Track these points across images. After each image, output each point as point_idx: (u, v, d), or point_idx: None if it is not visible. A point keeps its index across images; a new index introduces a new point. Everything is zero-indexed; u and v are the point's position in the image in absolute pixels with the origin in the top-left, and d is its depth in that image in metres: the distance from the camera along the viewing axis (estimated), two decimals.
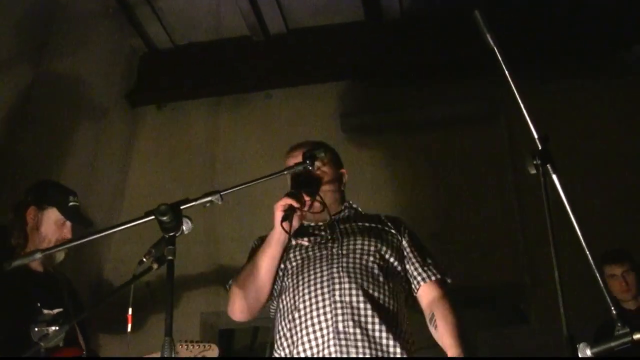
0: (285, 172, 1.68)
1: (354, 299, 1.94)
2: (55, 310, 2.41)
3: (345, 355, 1.86)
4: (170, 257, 1.46)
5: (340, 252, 2.05)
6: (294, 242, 2.10)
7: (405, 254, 2.15)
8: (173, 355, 1.35)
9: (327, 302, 1.95)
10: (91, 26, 4.06)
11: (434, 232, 3.68)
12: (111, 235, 3.65)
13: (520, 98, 1.46)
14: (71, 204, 2.56)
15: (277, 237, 2.03)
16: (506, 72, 1.48)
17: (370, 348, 1.89)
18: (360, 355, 1.87)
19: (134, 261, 1.54)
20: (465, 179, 4.07)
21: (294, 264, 2.08)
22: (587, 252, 1.32)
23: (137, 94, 4.58)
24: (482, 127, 4.15)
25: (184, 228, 1.51)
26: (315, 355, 1.88)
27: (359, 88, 4.37)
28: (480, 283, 3.82)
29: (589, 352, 1.22)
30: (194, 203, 1.54)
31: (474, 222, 3.93)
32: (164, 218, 1.47)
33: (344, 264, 2.02)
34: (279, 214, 1.98)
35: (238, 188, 1.60)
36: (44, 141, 3.63)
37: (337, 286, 1.96)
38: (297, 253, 2.10)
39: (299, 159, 2.07)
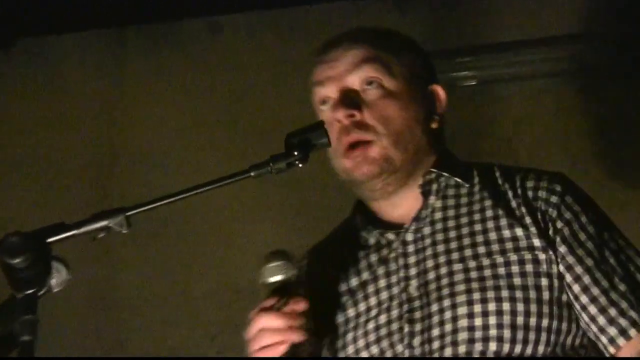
0: (253, 174, 1.51)
1: None
2: None
3: None
4: (26, 338, 1.39)
5: (423, 336, 1.91)
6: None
7: (566, 283, 1.91)
8: None
9: None
10: None
11: None
12: None
13: None
14: None
15: None
16: None
17: None
18: None
19: None
20: None
21: (343, 338, 2.04)
22: None
23: None
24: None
25: (54, 281, 1.47)
26: None
27: (375, 8, 4.30)
28: None
29: None
30: (75, 232, 1.49)
31: None
32: (16, 261, 1.41)
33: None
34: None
35: (161, 203, 1.46)
36: None
37: None
38: (349, 313, 2.04)
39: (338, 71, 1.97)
